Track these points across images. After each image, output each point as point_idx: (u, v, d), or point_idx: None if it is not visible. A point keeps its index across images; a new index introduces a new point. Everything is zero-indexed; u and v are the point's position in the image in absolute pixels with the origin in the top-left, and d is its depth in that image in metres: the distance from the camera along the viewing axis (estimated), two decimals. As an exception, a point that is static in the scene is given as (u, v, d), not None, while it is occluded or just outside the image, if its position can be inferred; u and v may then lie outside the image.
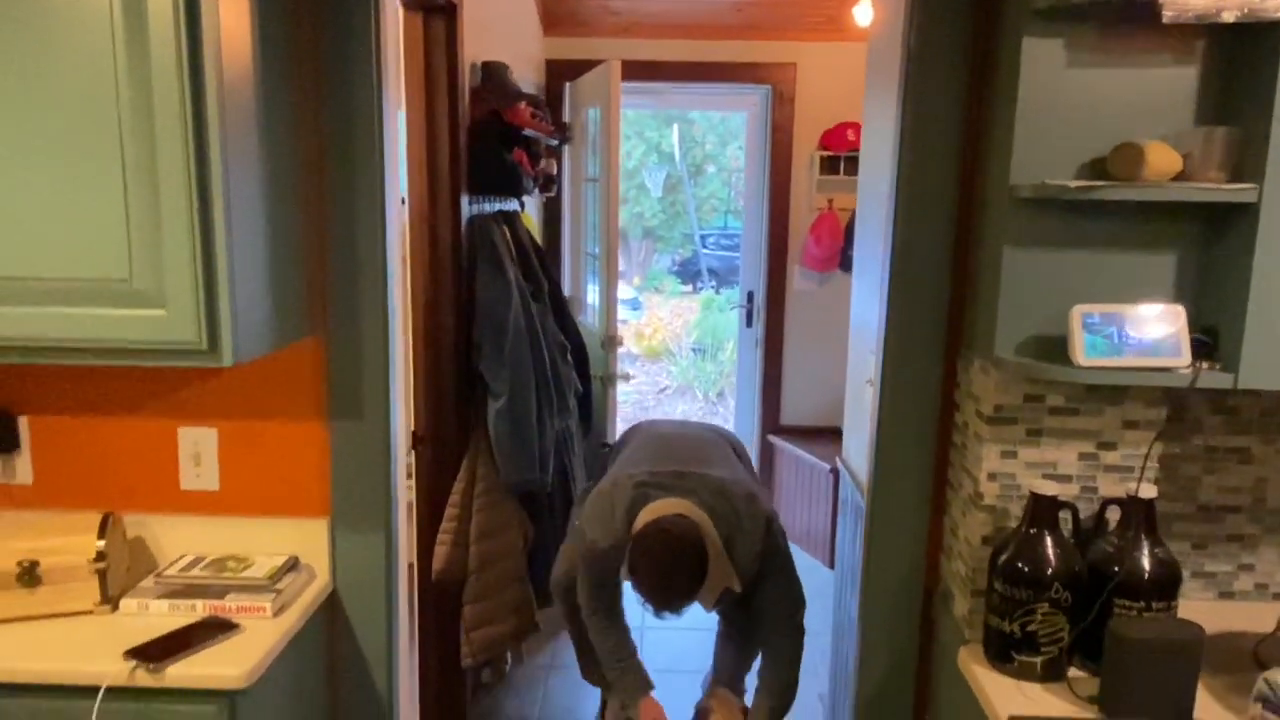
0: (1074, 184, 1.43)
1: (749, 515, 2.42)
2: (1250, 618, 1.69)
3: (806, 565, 4.38)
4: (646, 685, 2.50)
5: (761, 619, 2.54)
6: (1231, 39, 1.45)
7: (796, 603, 2.49)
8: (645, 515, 2.29)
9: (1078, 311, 1.46)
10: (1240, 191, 1.39)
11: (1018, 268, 1.54)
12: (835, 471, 4.20)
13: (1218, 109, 1.48)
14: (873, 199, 2.43)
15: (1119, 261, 1.52)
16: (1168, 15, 1.33)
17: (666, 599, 2.19)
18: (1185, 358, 1.44)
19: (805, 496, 4.52)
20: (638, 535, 2.25)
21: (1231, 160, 1.43)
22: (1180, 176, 1.43)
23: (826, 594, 3.94)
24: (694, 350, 9.59)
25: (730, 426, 4.40)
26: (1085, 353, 1.45)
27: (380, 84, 1.75)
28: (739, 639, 2.73)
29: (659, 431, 2.75)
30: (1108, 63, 1.47)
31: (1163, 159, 1.41)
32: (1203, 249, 1.51)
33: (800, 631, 2.52)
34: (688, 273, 13.79)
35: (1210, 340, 1.48)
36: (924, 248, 1.78)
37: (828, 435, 4.62)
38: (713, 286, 12.78)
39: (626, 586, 2.48)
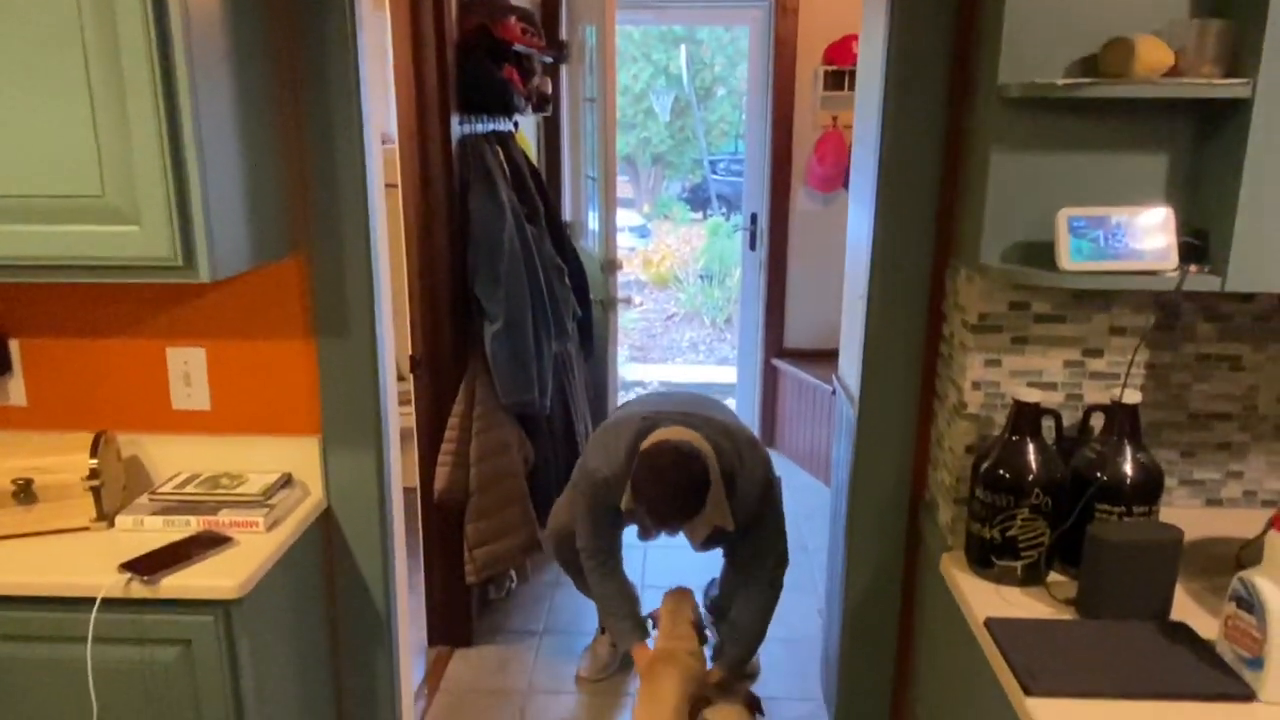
0: (1062, 82, 1.39)
1: (751, 458, 2.45)
2: (1238, 524, 1.69)
3: (808, 484, 4.44)
4: (641, 633, 2.56)
5: (744, 567, 2.59)
6: (1230, -75, 1.39)
7: (780, 558, 2.54)
8: (652, 438, 2.31)
9: (1064, 215, 1.43)
10: (1234, 87, 1.35)
11: (1005, 171, 1.51)
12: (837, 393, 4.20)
13: (1212, 2, 1.42)
14: (867, 112, 2.37)
15: (1108, 163, 1.49)
16: (1161, -102, 1.27)
17: (666, 513, 2.21)
18: (1173, 261, 1.41)
19: (808, 418, 4.54)
20: (644, 452, 2.27)
21: (1225, 55, 1.38)
22: (1172, 72, 1.38)
23: (826, 514, 3.99)
24: (701, 277, 9.54)
25: (734, 351, 4.40)
26: (1071, 257, 1.42)
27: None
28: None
29: (658, 392, 2.79)
30: (1100, -47, 1.41)
31: (1154, 54, 1.36)
32: (1193, 149, 1.47)
33: (777, 587, 2.58)
34: (698, 199, 13.63)
35: (1199, 243, 1.45)
36: (913, 159, 1.74)
37: (829, 357, 4.61)
38: (723, 213, 12.64)
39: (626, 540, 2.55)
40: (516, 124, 3.40)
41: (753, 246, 4.91)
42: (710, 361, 7.51)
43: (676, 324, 8.60)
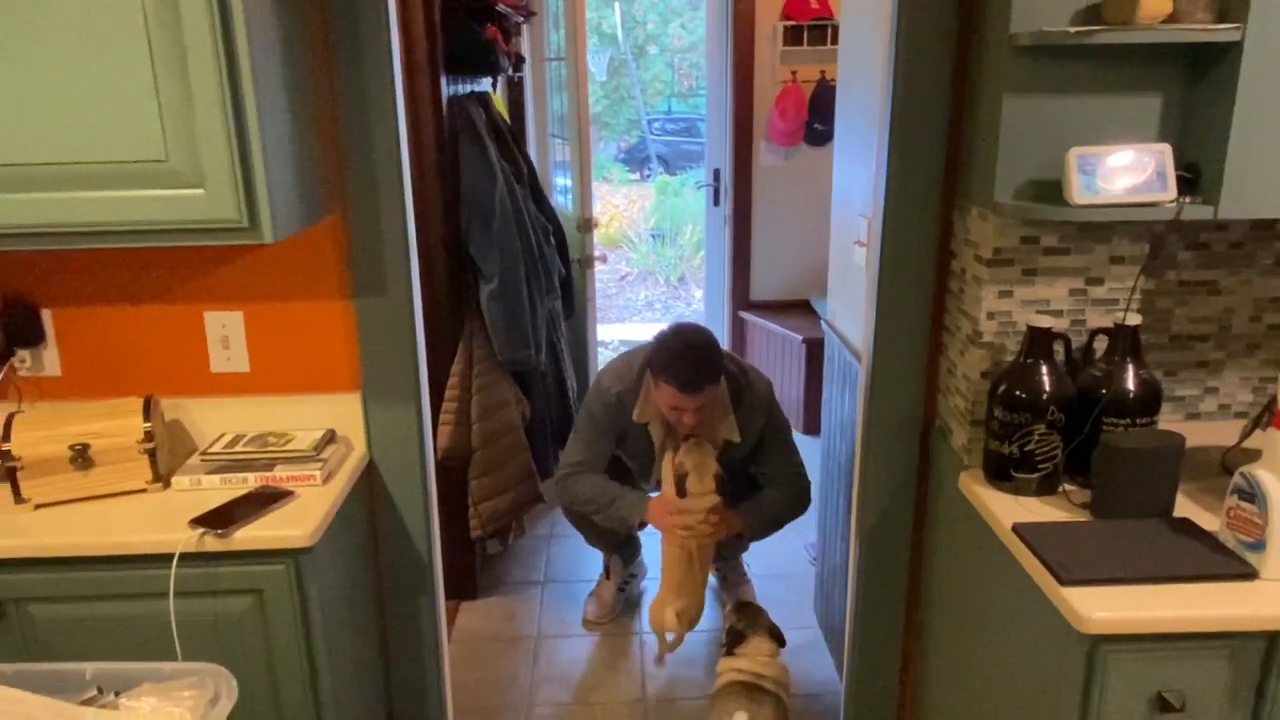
0: (1073, 29, 1.51)
1: (755, 379, 2.64)
2: (1216, 434, 1.87)
3: (783, 430, 4.59)
4: (645, 497, 2.68)
5: (767, 480, 2.73)
6: (1220, -120, 1.52)
7: (800, 467, 2.71)
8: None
9: (1073, 153, 1.55)
10: (1226, 31, 1.49)
11: (1016, 115, 1.63)
12: (808, 341, 4.35)
13: (1204, -48, 1.55)
14: (856, 63, 2.47)
15: (1109, 105, 1.62)
16: None
17: (689, 370, 2.38)
18: (1172, 193, 1.56)
19: (778, 367, 4.69)
20: (664, 331, 2.51)
21: (1217, 2, 1.51)
22: (1170, 19, 1.51)
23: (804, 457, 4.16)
24: (653, 236, 9.62)
25: (699, 308, 4.51)
26: (1081, 192, 1.55)
27: (382, -44, 1.73)
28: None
29: None
30: (1103, -91, 1.53)
31: (1155, 2, 1.49)
32: (1186, 89, 1.61)
33: (804, 482, 2.71)
34: (634, 159, 13.62)
35: (1191, 176, 1.60)
36: (922, 102, 1.85)
37: (798, 308, 4.77)
38: (662, 173, 12.68)
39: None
40: (495, 84, 3.43)
41: (716, 202, 5.02)
42: (668, 319, 7.63)
43: (631, 283, 8.69)
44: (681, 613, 2.60)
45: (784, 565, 3.34)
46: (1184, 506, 1.62)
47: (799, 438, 4.44)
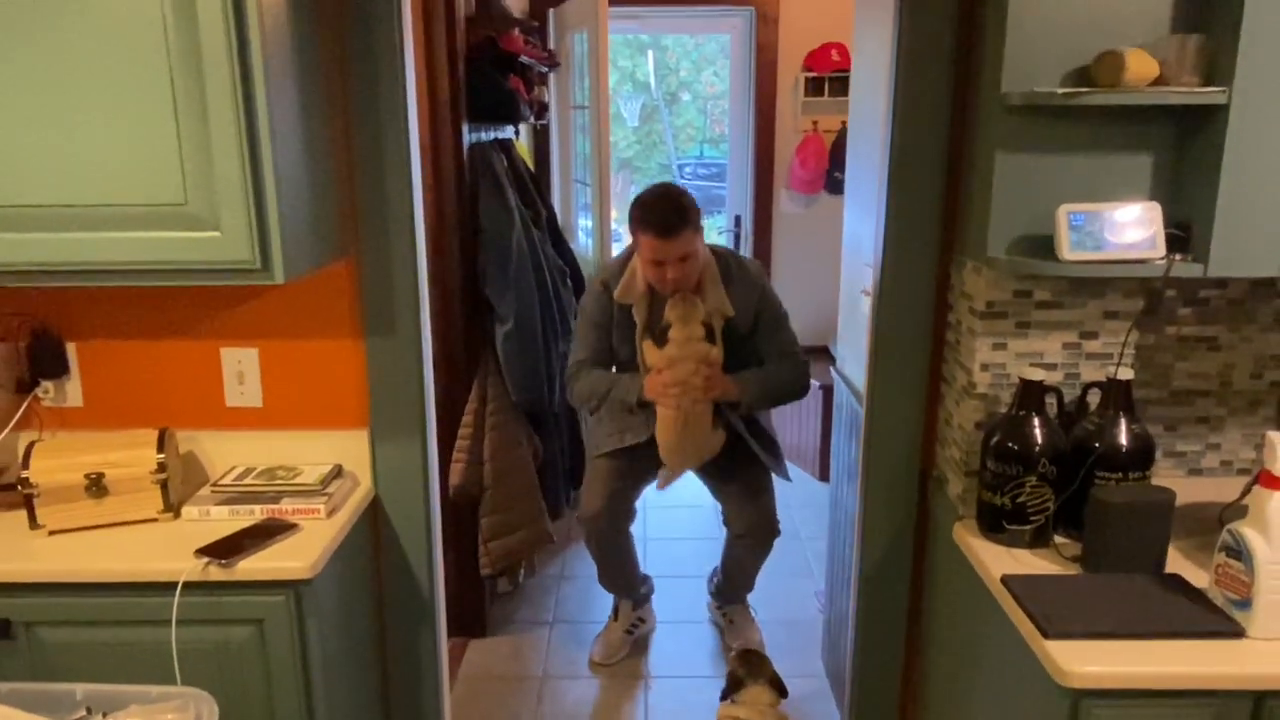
0: (1061, 91, 1.55)
1: (746, 261, 2.74)
2: (1217, 490, 1.86)
3: (798, 476, 4.59)
4: (639, 376, 2.66)
5: (766, 359, 2.72)
6: (1205, -49, 1.56)
7: (797, 346, 2.72)
8: None
9: (1063, 210, 1.58)
10: (1212, 94, 1.52)
11: (1008, 171, 1.66)
12: (825, 388, 4.36)
13: (1191, 17, 1.59)
14: (864, 116, 2.52)
15: (1100, 163, 1.65)
16: (1148, -71, 1.44)
17: (659, 213, 2.43)
18: (1161, 250, 1.58)
19: (795, 413, 4.69)
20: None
21: (1204, 66, 1.55)
22: (1158, 82, 1.55)
23: (818, 504, 4.16)
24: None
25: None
26: (1070, 248, 1.58)
27: (400, 12, 1.82)
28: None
29: None
30: (1092, -25, 1.57)
31: (1142, 65, 1.53)
32: (1177, 149, 1.64)
33: (801, 364, 2.72)
34: (665, 203, 13.73)
35: (1183, 234, 1.62)
36: (919, 158, 1.89)
37: (815, 354, 4.78)
38: (693, 217, 12.75)
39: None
40: (518, 131, 3.52)
41: (737, 247, 5.07)
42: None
43: (654, 326, 8.71)
44: (679, 466, 2.59)
45: (792, 612, 3.32)
46: (1179, 562, 1.61)
47: (815, 484, 4.46)
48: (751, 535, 2.86)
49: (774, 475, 2.88)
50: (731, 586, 3.13)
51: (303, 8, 1.67)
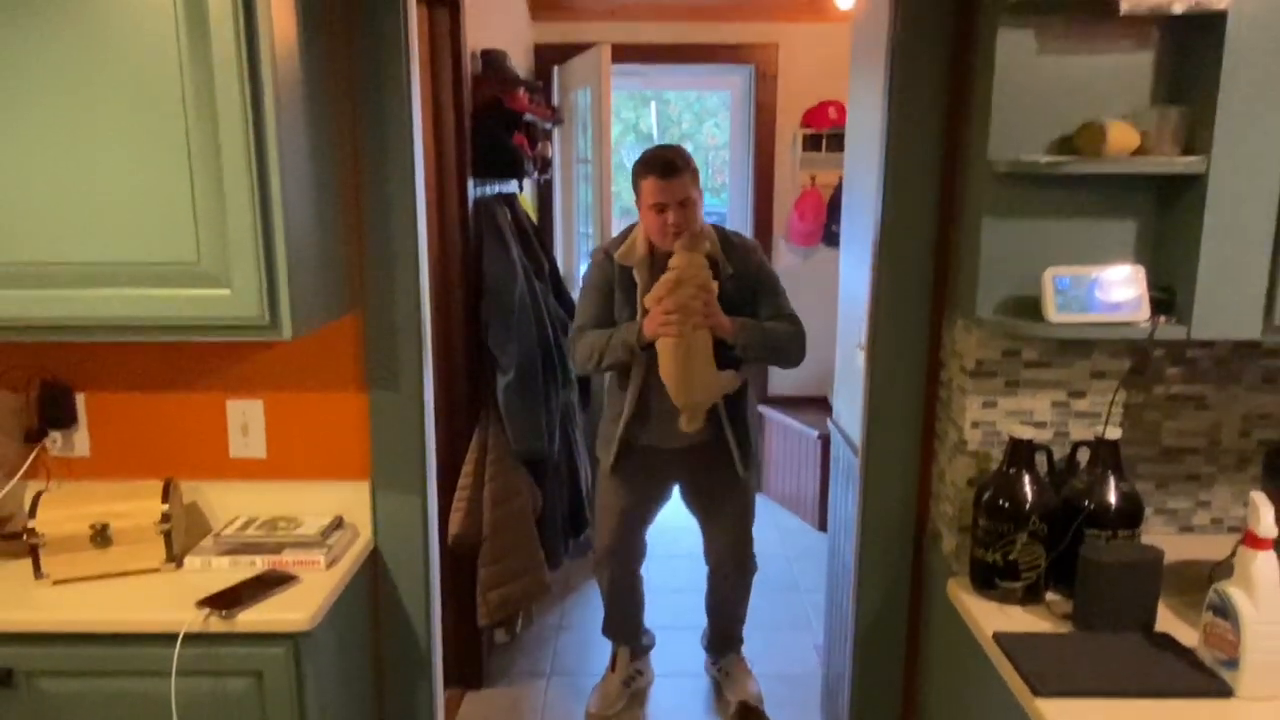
0: (1045, 159, 1.60)
1: (742, 236, 2.82)
2: (1208, 548, 1.87)
3: (797, 527, 4.60)
4: (638, 321, 2.63)
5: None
6: (1182, 28, 1.62)
7: (793, 310, 2.74)
8: None
9: (1049, 274, 1.63)
10: (1191, 164, 1.57)
11: (996, 235, 1.71)
12: (823, 437, 4.39)
13: (1171, 90, 1.65)
14: (859, 174, 2.59)
15: (1086, 228, 1.70)
16: (1125, 8, 1.51)
17: (660, 158, 2.54)
18: (1145, 313, 1.62)
19: (795, 463, 4.71)
20: None
21: (1183, 136, 1.60)
22: (1139, 151, 1.60)
23: (816, 554, 4.15)
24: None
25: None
26: (1056, 310, 1.62)
27: (409, 76, 1.89)
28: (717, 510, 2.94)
29: None
30: (1073, 50, 1.64)
31: (1123, 136, 1.59)
32: (1159, 215, 1.69)
33: (799, 327, 2.73)
34: (667, 252, 13.88)
35: (1167, 296, 1.66)
36: (910, 219, 1.95)
37: (814, 404, 4.82)
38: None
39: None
40: (521, 185, 3.60)
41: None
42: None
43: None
44: (691, 405, 2.55)
45: (790, 666, 3.31)
46: (1169, 621, 1.63)
47: (814, 535, 4.46)
48: (728, 565, 2.90)
49: (754, 511, 2.94)
50: (721, 635, 3.13)
51: (316, 70, 1.74)
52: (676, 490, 2.99)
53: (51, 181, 1.57)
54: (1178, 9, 1.51)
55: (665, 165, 2.53)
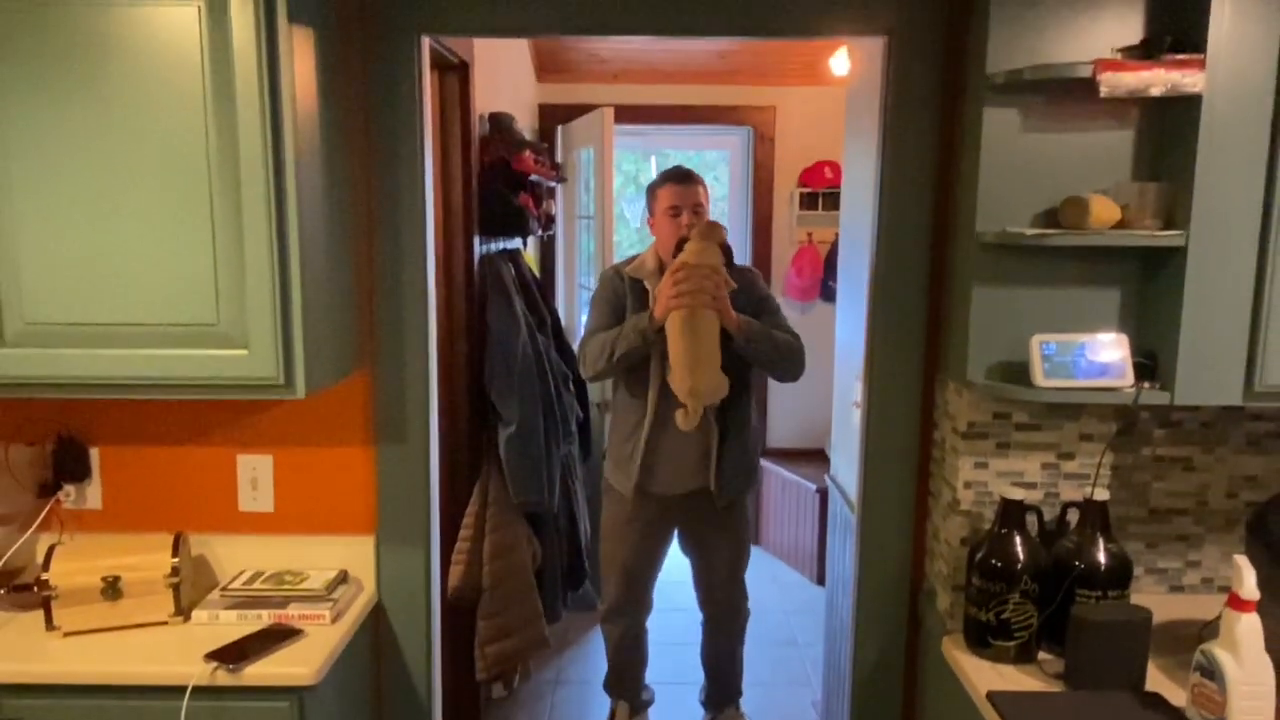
0: (1030, 231, 1.67)
1: (747, 265, 2.98)
2: (1198, 608, 1.91)
3: (795, 581, 4.61)
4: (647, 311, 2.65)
5: None
6: (1160, 108, 1.71)
7: (796, 335, 2.79)
8: None
9: (1036, 340, 1.69)
10: (1171, 237, 1.64)
11: (984, 302, 1.78)
12: (821, 491, 4.42)
13: (1150, 166, 1.73)
14: (853, 235, 2.67)
15: (1071, 296, 1.77)
16: (1104, 91, 1.59)
17: (678, 167, 2.78)
18: (1129, 379, 1.68)
19: (792, 516, 4.74)
20: None
21: (1163, 210, 1.68)
22: (1120, 225, 1.68)
23: (814, 609, 4.16)
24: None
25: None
26: (1044, 376, 1.68)
27: (422, 141, 1.97)
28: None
29: None
30: (1056, 128, 1.72)
31: (1105, 210, 1.66)
32: (1141, 285, 1.76)
33: (799, 342, 2.79)
34: (666, 301, 14.00)
35: (1150, 363, 1.72)
36: (902, 285, 2.02)
37: (812, 457, 4.85)
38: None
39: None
40: (525, 242, 3.68)
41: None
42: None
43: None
44: (695, 391, 2.53)
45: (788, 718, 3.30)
46: (1159, 680, 1.66)
47: (812, 589, 4.47)
48: (721, 605, 2.92)
49: (748, 554, 2.97)
50: (719, 687, 3.14)
51: (334, 136, 1.82)
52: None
53: (78, 245, 1.64)
54: (1155, 92, 1.60)
55: (682, 174, 2.74)
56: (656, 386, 2.70)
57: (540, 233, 3.67)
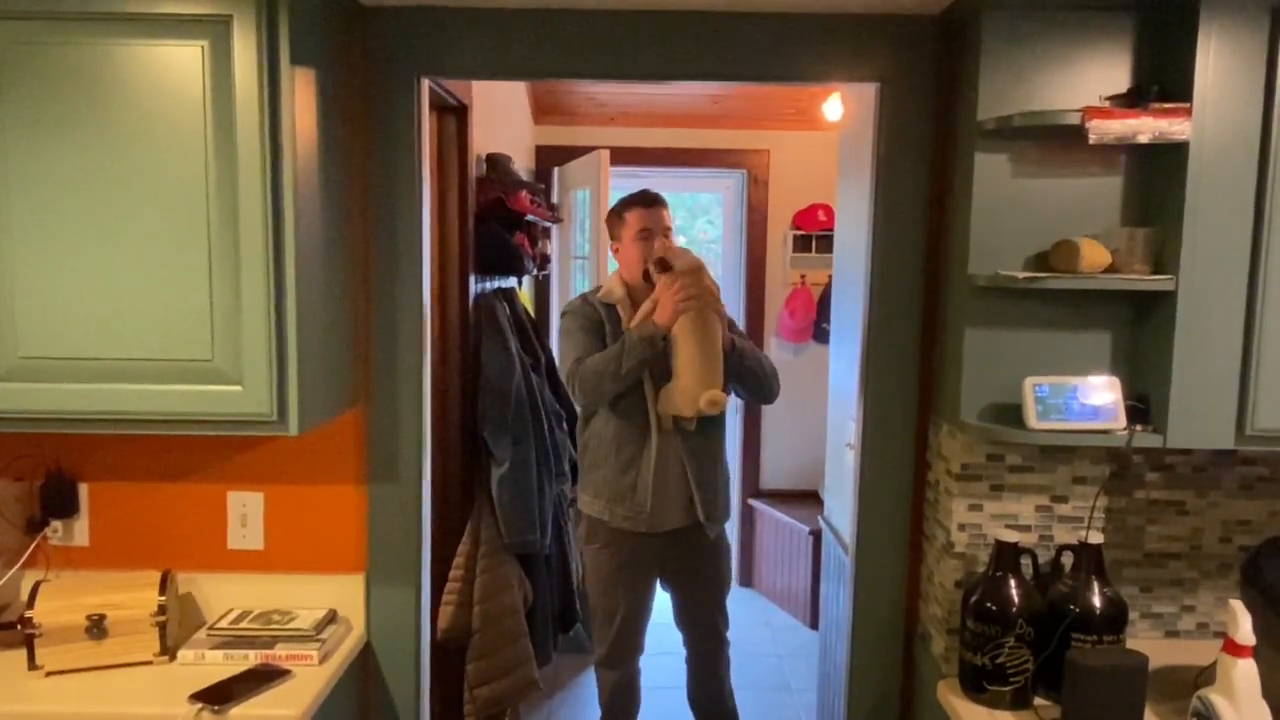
0: (1021, 275, 1.69)
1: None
2: (1193, 653, 1.90)
3: (787, 624, 4.56)
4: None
5: None
6: (1149, 154, 1.74)
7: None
8: None
9: (1029, 383, 1.70)
10: (1160, 282, 1.66)
11: (977, 345, 1.79)
12: (815, 533, 4.39)
13: (1140, 211, 1.76)
14: (846, 277, 2.69)
15: (1063, 339, 1.78)
16: (1093, 138, 1.62)
17: (642, 191, 2.72)
18: (1121, 421, 1.69)
19: (786, 558, 4.71)
20: None
21: (1153, 255, 1.70)
22: (1110, 269, 1.69)
23: (807, 652, 4.12)
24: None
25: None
26: (1036, 418, 1.69)
27: (420, 181, 1.99)
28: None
29: None
30: (1046, 173, 1.75)
31: (1095, 254, 1.68)
32: (1132, 328, 1.78)
33: (774, 369, 2.77)
34: (660, 342, 14.03)
35: (1143, 406, 1.73)
36: (895, 326, 2.03)
37: (806, 498, 4.84)
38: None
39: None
40: (521, 281, 3.70)
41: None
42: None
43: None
44: (706, 392, 2.50)
45: (782, 768, 3.25)
46: (1156, 727, 1.64)
47: (805, 632, 4.43)
48: (704, 633, 2.86)
49: (729, 583, 2.92)
50: None
51: (333, 175, 1.83)
52: None
53: (74, 279, 1.64)
54: (1142, 139, 1.63)
55: (649, 197, 2.71)
56: (654, 410, 2.67)
57: (535, 272, 3.68)
